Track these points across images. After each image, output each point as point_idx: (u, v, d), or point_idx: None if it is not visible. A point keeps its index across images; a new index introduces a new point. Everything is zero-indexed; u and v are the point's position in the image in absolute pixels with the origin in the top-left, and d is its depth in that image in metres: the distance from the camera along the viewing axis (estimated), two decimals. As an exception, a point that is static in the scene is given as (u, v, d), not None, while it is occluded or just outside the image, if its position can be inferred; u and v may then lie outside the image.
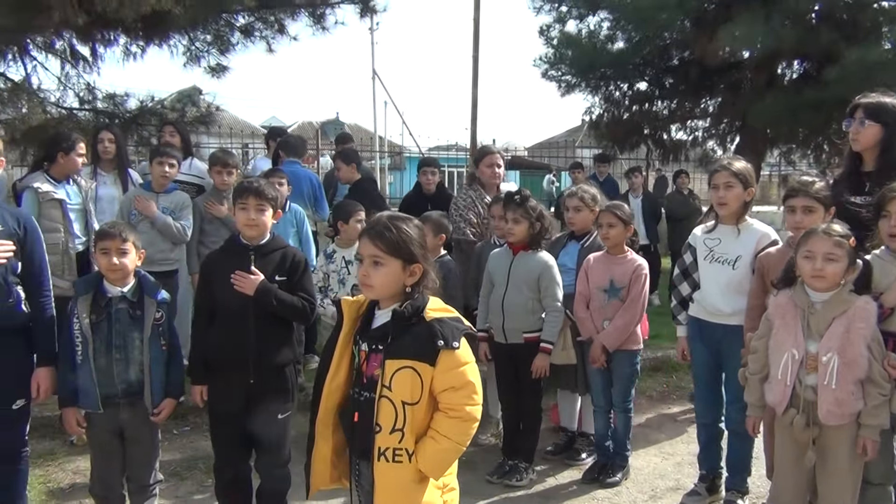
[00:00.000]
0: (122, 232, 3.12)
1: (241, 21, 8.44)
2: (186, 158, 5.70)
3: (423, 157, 7.46)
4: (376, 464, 2.13)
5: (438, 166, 6.51)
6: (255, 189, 3.24)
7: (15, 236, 3.08)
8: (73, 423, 3.14)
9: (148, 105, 7.96)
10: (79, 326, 3.09)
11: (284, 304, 3.24)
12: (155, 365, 3.17)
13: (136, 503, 3.30)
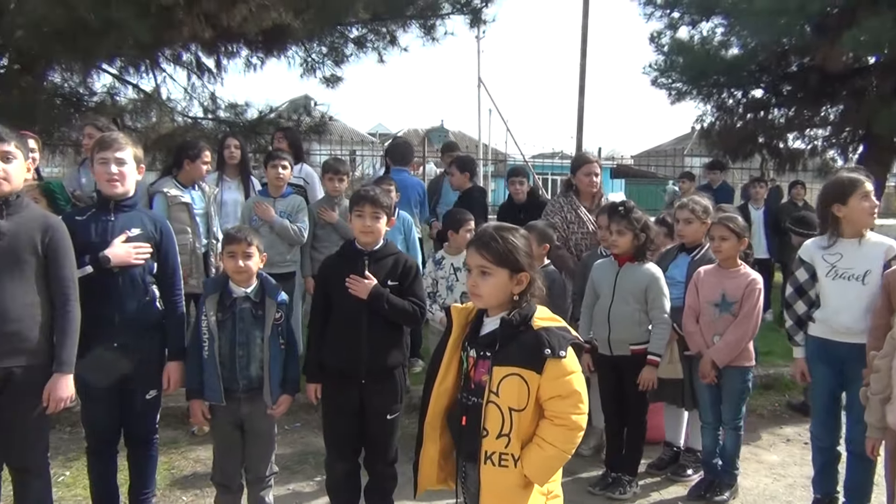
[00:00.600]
0: (248, 236, 3.32)
1: (355, 33, 8.74)
2: (297, 164, 5.97)
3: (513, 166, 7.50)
4: (483, 467, 2.19)
5: (527, 175, 6.58)
6: (370, 197, 3.38)
7: (152, 239, 3.33)
8: (198, 414, 3.36)
9: (266, 114, 8.36)
10: (206, 324, 3.31)
11: (396, 309, 3.36)
12: (274, 362, 3.35)
13: (253, 493, 3.49)
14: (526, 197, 6.23)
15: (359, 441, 3.50)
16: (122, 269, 3.22)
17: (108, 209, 3.28)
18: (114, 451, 3.43)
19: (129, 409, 3.36)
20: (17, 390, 2.91)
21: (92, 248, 3.18)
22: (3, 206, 2.91)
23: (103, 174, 3.25)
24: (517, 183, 6.21)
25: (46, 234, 2.96)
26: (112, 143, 3.28)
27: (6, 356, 2.87)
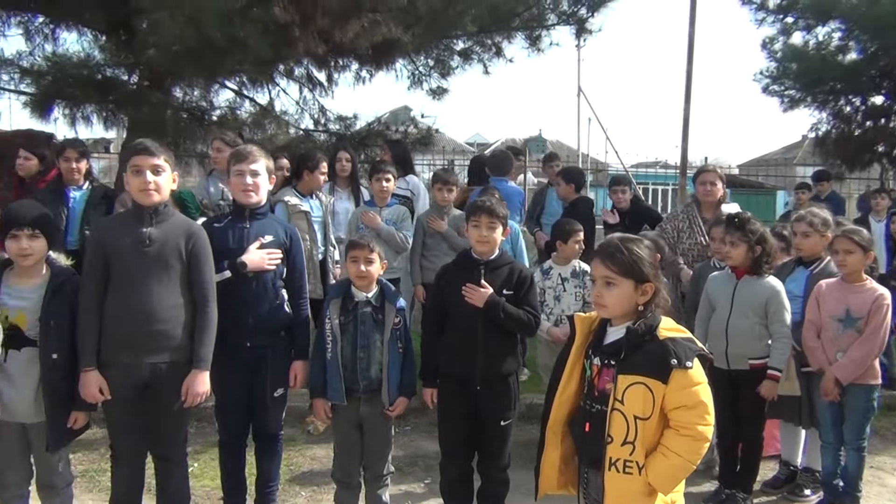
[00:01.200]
0: (370, 243, 3.47)
1: (460, 46, 8.88)
2: (405, 175, 6.14)
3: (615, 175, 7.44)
4: (607, 473, 2.23)
5: (629, 183, 6.55)
6: (487, 208, 3.47)
7: (283, 245, 3.54)
8: (321, 412, 3.53)
9: (374, 126, 8.62)
10: (330, 326, 3.48)
11: (511, 317, 3.43)
12: (392, 365, 3.49)
13: (370, 490, 3.63)
14: (629, 205, 6.21)
15: (473, 445, 3.58)
16: (256, 274, 3.43)
17: (244, 217, 3.51)
18: (243, 446, 3.64)
19: (258, 406, 3.56)
20: (162, 385, 3.15)
21: (229, 253, 3.40)
22: (153, 214, 3.16)
23: (239, 185, 3.48)
24: (619, 192, 6.21)
25: (190, 240, 3.20)
26: (247, 156, 3.50)
27: (154, 353, 3.12)
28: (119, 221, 3.31)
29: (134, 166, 3.13)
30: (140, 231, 3.12)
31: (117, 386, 3.11)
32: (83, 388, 3.09)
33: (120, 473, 3.30)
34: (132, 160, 3.14)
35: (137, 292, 3.10)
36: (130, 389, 3.14)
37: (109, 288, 3.13)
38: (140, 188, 3.12)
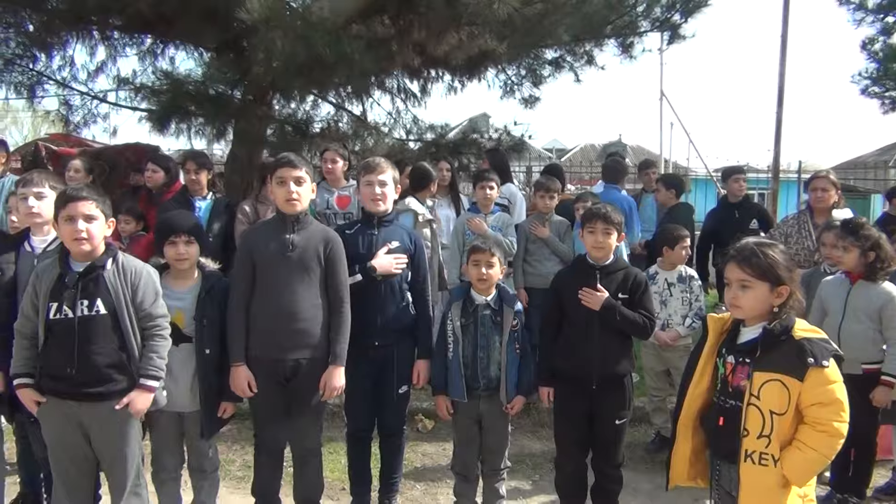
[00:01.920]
0: (492, 248, 3.66)
1: (552, 55, 9.00)
2: (503, 184, 6.31)
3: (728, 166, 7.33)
4: (742, 465, 2.34)
5: (744, 173, 6.54)
6: (603, 214, 3.61)
7: (409, 251, 3.76)
8: (443, 408, 3.74)
9: (469, 135, 8.82)
10: (451, 327, 3.68)
11: (627, 320, 3.56)
12: (511, 365, 3.66)
13: (488, 483, 3.81)
14: (742, 197, 6.24)
15: (587, 443, 3.72)
16: (384, 278, 3.67)
17: (373, 224, 3.75)
18: (369, 438, 3.88)
19: (384, 402, 3.79)
20: (303, 379, 3.42)
21: (359, 258, 3.65)
22: (295, 222, 3.44)
23: (369, 194, 3.73)
24: (741, 180, 6.24)
25: (328, 246, 3.46)
26: (376, 168, 3.75)
27: (296, 349, 3.39)
28: (265, 229, 3.60)
29: (279, 178, 3.42)
30: (284, 237, 3.40)
31: (263, 380, 3.40)
32: (233, 382, 3.39)
33: (262, 461, 3.59)
34: (278, 172, 3.42)
35: (281, 294, 3.38)
36: (275, 384, 3.42)
37: (256, 290, 3.43)
38: (285, 198, 3.40)
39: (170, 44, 9.16)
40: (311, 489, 3.63)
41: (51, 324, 3.00)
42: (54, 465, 3.16)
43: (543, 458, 4.88)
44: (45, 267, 3.08)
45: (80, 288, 3.00)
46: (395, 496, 3.94)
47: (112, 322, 3.02)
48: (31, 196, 3.34)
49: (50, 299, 3.00)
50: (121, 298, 3.04)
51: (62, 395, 3.03)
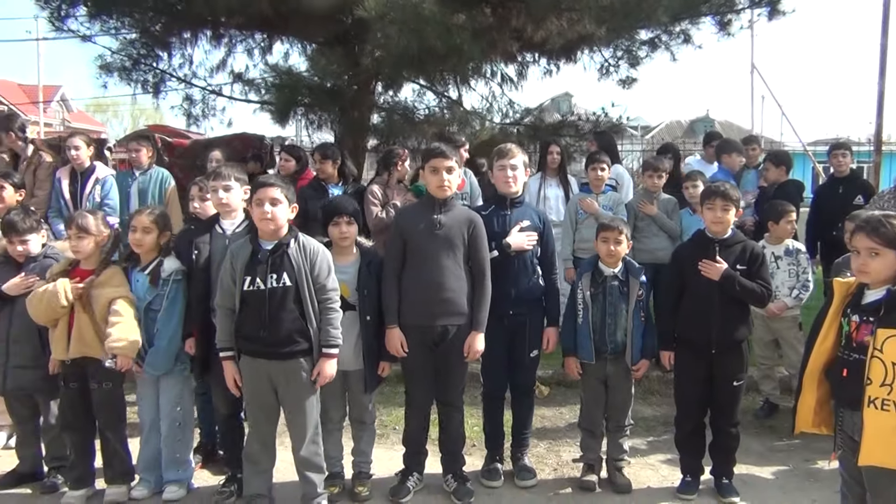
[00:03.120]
0: (620, 226, 4.03)
1: (648, 35, 9.14)
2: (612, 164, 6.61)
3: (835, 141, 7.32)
4: (866, 409, 2.64)
5: (849, 148, 6.58)
6: (722, 192, 3.91)
7: (538, 229, 4.15)
8: (573, 369, 4.14)
9: (568, 117, 9.11)
10: (581, 296, 4.07)
11: (746, 289, 3.86)
12: (636, 331, 4.03)
13: (612, 439, 4.20)
14: (848, 172, 6.32)
15: (706, 404, 4.05)
16: (517, 254, 4.07)
17: (505, 205, 4.15)
18: (503, 398, 4.31)
19: (517, 365, 4.21)
20: (451, 344, 3.88)
21: (495, 236, 4.06)
22: (442, 205, 3.88)
23: (502, 178, 4.13)
24: (840, 156, 6.33)
25: (471, 225, 3.89)
26: (508, 153, 4.15)
27: (444, 316, 3.84)
28: (415, 210, 4.06)
29: (432, 167, 3.86)
30: (432, 217, 3.85)
31: (414, 343, 3.87)
32: (389, 343, 3.87)
33: (412, 415, 4.07)
34: (431, 161, 3.87)
35: (430, 267, 3.83)
36: (424, 347, 3.89)
37: (406, 264, 3.89)
38: (437, 185, 3.84)
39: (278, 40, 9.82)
40: (454, 441, 4.09)
41: (245, 294, 3.55)
42: (249, 413, 3.74)
43: (655, 422, 5.22)
44: (239, 246, 3.63)
45: (269, 263, 3.53)
46: (526, 450, 4.37)
47: (295, 293, 3.54)
48: (221, 189, 3.89)
49: (245, 273, 3.54)
50: (302, 272, 3.55)
51: (255, 354, 3.58)
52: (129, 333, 3.75)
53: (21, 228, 4.02)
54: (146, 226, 3.92)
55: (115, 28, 9.71)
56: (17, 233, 4.02)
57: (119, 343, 3.72)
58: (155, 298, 3.92)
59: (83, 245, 3.87)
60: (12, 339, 4.00)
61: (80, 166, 5.91)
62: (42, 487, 4.11)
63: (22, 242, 4.03)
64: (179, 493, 4.01)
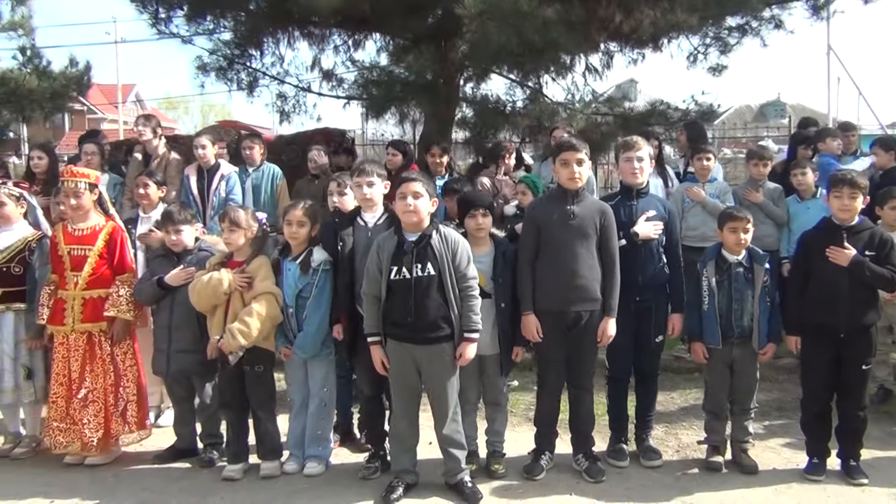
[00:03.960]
0: (747, 215, 4.15)
1: (738, 22, 9.08)
2: None
3: None
4: None
5: None
6: (849, 180, 3.99)
7: (663, 218, 4.29)
8: (699, 353, 4.28)
9: (658, 106, 9.14)
10: (706, 283, 4.20)
11: (875, 274, 3.94)
12: (762, 316, 4.15)
13: (737, 421, 4.32)
14: None
15: (832, 387, 4.14)
16: (644, 242, 4.22)
17: (632, 196, 4.31)
18: (627, 381, 4.47)
19: (642, 349, 4.36)
20: (584, 329, 4.06)
21: (622, 226, 4.21)
22: (574, 195, 4.06)
23: (628, 169, 4.28)
24: None
25: (602, 216, 4.06)
26: (633, 145, 4.30)
27: (578, 303, 4.03)
28: (548, 201, 4.26)
29: (562, 159, 4.05)
30: (566, 208, 4.03)
31: (548, 328, 4.07)
32: (524, 328, 4.08)
33: (544, 397, 4.28)
34: (562, 154, 4.05)
35: (564, 256, 4.02)
36: (558, 331, 4.08)
37: (540, 253, 4.08)
38: (568, 177, 4.03)
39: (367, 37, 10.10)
40: (585, 423, 4.27)
41: (392, 283, 3.80)
42: (395, 394, 3.99)
43: (768, 407, 5.27)
44: (385, 238, 3.89)
45: (414, 254, 3.77)
46: (650, 432, 4.52)
47: (438, 281, 3.78)
48: (364, 184, 4.14)
49: (391, 263, 3.79)
50: (445, 262, 3.78)
51: (402, 339, 3.83)
52: (240, 332, 4.02)
53: (177, 219, 4.38)
54: (300, 219, 4.21)
55: (209, 30, 10.19)
56: (172, 223, 4.38)
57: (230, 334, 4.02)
58: (305, 286, 4.21)
59: (234, 238, 4.19)
60: (174, 326, 4.36)
61: (207, 164, 6.27)
62: (200, 462, 4.45)
63: (176, 232, 4.39)
64: (319, 468, 4.30)
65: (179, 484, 4.21)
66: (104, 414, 4.39)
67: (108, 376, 4.42)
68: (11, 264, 4.57)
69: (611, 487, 4.08)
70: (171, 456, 4.54)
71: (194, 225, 4.50)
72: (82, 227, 4.46)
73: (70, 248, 4.42)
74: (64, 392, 4.40)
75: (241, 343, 3.99)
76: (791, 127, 14.38)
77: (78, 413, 4.35)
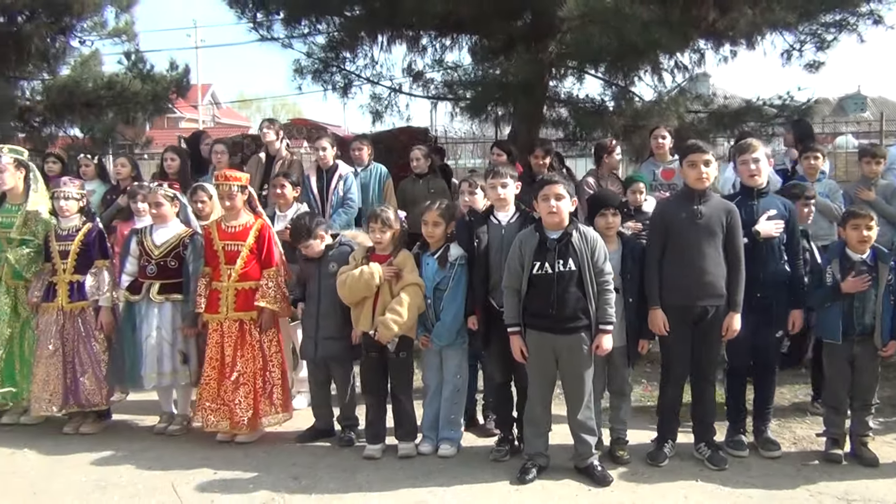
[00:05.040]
0: (870, 212, 4.29)
1: (833, 18, 9.01)
2: None
3: None
4: None
5: None
6: None
7: (784, 217, 4.44)
8: None
9: (754, 104, 9.15)
10: (830, 280, 4.34)
11: None
12: (885, 314, 4.26)
13: (857, 417, 4.44)
14: None
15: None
16: (765, 240, 4.38)
17: (752, 196, 4.47)
18: (745, 375, 4.63)
19: (762, 344, 4.50)
20: (710, 323, 4.26)
21: (743, 224, 4.36)
22: (701, 195, 4.25)
23: (746, 171, 4.44)
24: None
25: (729, 215, 4.24)
26: (749, 147, 4.46)
27: (705, 298, 4.22)
28: (675, 201, 4.47)
29: (690, 161, 4.24)
30: (693, 208, 4.23)
31: (675, 322, 4.27)
32: (651, 322, 4.30)
33: (669, 387, 4.48)
34: (690, 156, 4.25)
35: (692, 253, 4.22)
36: (684, 325, 4.29)
37: (668, 250, 4.29)
38: (696, 177, 4.22)
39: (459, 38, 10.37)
40: (708, 413, 4.46)
41: (534, 277, 4.07)
42: (532, 381, 4.26)
43: (884, 404, 5.31)
44: (526, 235, 4.16)
45: (556, 250, 4.03)
46: (768, 424, 4.66)
47: (578, 276, 4.03)
48: (499, 185, 4.41)
49: (534, 259, 4.06)
50: (584, 258, 4.03)
51: (543, 329, 4.10)
52: (394, 322, 4.36)
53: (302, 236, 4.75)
54: (436, 220, 4.53)
55: (304, 34, 10.65)
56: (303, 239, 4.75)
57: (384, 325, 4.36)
58: (442, 280, 4.52)
59: (385, 237, 4.53)
60: (321, 314, 4.73)
61: (326, 164, 6.64)
62: (340, 441, 4.82)
63: (305, 247, 4.77)
64: (452, 450, 4.60)
65: (326, 461, 4.57)
66: (253, 396, 4.79)
67: (257, 361, 4.81)
68: (168, 259, 5.00)
69: (734, 475, 4.25)
70: (311, 436, 4.91)
71: (320, 236, 4.81)
72: (234, 225, 4.87)
73: (224, 244, 4.84)
74: (216, 375, 4.81)
75: (395, 331, 4.33)
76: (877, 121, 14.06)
77: (230, 395, 4.75)
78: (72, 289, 5.05)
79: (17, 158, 5.16)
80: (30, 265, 5.07)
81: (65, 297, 5.03)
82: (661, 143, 6.34)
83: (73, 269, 5.06)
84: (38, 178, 5.33)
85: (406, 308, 4.36)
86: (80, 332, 5.02)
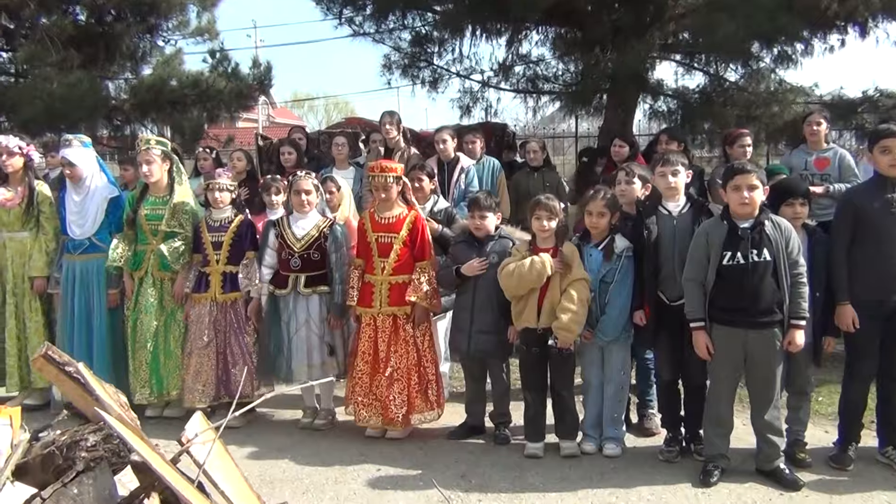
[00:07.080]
0: None
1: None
2: None
3: None
4: None
5: None
6: None
7: None
8: None
9: (871, 95, 8.78)
10: None
11: None
12: None
13: None
14: None
15: None
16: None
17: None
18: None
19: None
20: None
21: None
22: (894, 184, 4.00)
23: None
24: None
25: None
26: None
27: None
28: (867, 189, 4.22)
29: (883, 146, 3.99)
30: (886, 197, 3.98)
31: (865, 317, 4.03)
32: (839, 318, 4.07)
33: (855, 386, 4.23)
34: (882, 142, 3.99)
35: (887, 245, 3.98)
36: (875, 321, 4.04)
37: (857, 242, 4.05)
38: (890, 164, 3.98)
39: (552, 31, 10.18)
40: (895, 413, 4.22)
41: (723, 269, 3.87)
42: (718, 378, 4.04)
43: None
44: (712, 225, 3.97)
45: (750, 240, 3.82)
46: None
47: (772, 267, 3.82)
48: (669, 174, 4.22)
49: (724, 249, 3.86)
50: (779, 248, 3.82)
51: (733, 324, 3.89)
52: (574, 323, 4.20)
53: (483, 205, 4.61)
54: (601, 210, 4.36)
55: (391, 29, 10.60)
56: (479, 209, 4.61)
57: (565, 330, 4.20)
58: (608, 272, 4.34)
59: (551, 226, 4.37)
60: (476, 307, 4.59)
61: (447, 157, 6.52)
62: (496, 439, 4.67)
63: (481, 217, 4.61)
64: (617, 450, 4.41)
65: (487, 458, 4.43)
66: (407, 392, 4.67)
67: (411, 356, 4.69)
68: (311, 251, 4.91)
69: (933, 481, 4.00)
70: (463, 432, 4.78)
71: (497, 213, 4.69)
72: (388, 216, 4.75)
73: (377, 236, 4.72)
74: (369, 369, 4.70)
75: (577, 332, 4.18)
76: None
77: (384, 390, 4.64)
78: (224, 279, 5.03)
79: (163, 150, 5.13)
80: (182, 257, 5.05)
81: (218, 288, 5.00)
82: (815, 130, 5.93)
83: (227, 259, 5.02)
84: (182, 170, 5.30)
85: (578, 304, 4.19)
86: (233, 323, 4.98)
